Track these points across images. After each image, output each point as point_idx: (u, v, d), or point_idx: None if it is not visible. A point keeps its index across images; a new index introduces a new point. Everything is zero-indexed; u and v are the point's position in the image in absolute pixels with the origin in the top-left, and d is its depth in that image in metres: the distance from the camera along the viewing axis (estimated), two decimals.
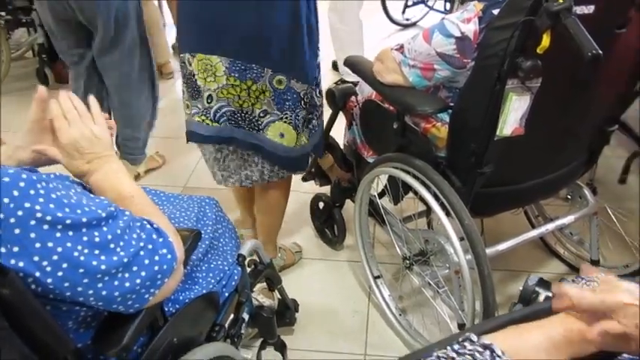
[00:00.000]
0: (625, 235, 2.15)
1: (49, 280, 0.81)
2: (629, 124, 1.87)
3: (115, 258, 0.87)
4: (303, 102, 1.78)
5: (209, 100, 1.76)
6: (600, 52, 1.20)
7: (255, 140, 1.81)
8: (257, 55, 1.67)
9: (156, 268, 0.93)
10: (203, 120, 1.80)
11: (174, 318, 1.14)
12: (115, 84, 2.61)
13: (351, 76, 3.52)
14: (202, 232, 1.31)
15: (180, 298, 1.21)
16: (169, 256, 0.95)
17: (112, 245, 0.87)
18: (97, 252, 0.85)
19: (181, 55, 1.78)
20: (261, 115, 1.76)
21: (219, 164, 1.95)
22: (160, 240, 0.95)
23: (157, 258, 0.93)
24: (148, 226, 0.96)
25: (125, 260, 0.88)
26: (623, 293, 0.74)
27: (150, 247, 0.93)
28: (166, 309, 1.16)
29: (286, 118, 1.77)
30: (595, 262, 2.10)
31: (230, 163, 1.93)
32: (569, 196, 2.07)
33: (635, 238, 2.15)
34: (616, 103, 1.75)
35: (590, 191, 1.99)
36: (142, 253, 0.91)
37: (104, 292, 0.87)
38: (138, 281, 0.90)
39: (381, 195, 2.07)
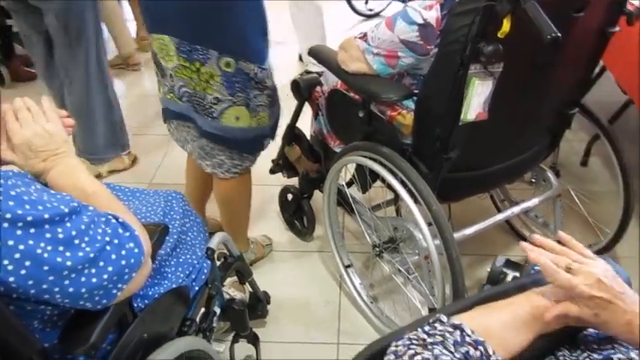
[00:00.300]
0: (588, 215, 2.20)
1: (12, 279, 0.80)
2: (589, 107, 1.90)
3: (80, 254, 0.85)
4: (253, 82, 1.75)
5: (171, 79, 1.77)
6: (559, 35, 1.22)
7: (212, 129, 1.80)
8: (200, 35, 1.64)
9: (123, 262, 0.91)
10: (171, 97, 1.82)
11: (143, 314, 1.13)
12: (70, 79, 2.56)
13: (315, 67, 3.53)
14: (170, 226, 1.30)
15: (150, 293, 1.20)
16: (136, 250, 0.94)
17: (76, 241, 0.85)
18: (61, 248, 0.83)
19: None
20: (214, 102, 1.74)
21: (194, 142, 1.93)
22: (127, 234, 0.94)
23: (123, 252, 0.92)
24: (114, 220, 0.94)
25: (91, 256, 0.87)
26: (592, 280, 0.76)
27: (116, 241, 0.91)
28: (135, 305, 1.14)
29: (239, 100, 1.75)
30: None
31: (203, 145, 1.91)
32: (533, 180, 2.10)
33: (597, 219, 2.20)
34: (576, 87, 1.78)
35: (553, 174, 2.03)
36: (108, 248, 0.90)
37: (70, 289, 0.86)
38: (105, 276, 0.89)
39: (350, 184, 2.08)
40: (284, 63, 3.69)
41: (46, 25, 2.40)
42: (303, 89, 2.01)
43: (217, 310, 1.51)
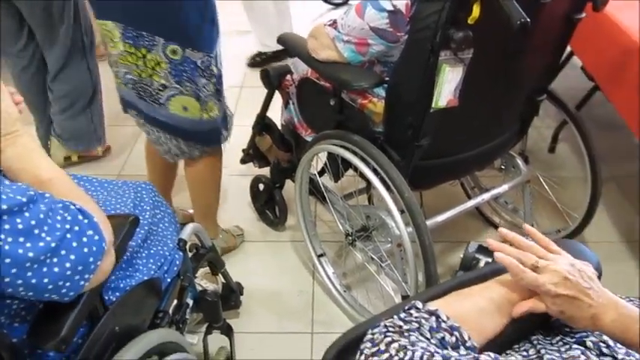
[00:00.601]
0: (556, 201, 2.23)
1: None
2: (556, 94, 1.93)
3: (41, 244, 0.82)
4: (200, 70, 1.73)
5: (116, 66, 1.76)
6: (528, 20, 1.22)
7: (158, 116, 1.78)
8: (146, 22, 1.63)
9: (85, 250, 0.88)
10: (119, 84, 1.82)
11: (114, 306, 1.11)
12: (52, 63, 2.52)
13: (267, 47, 3.51)
14: (140, 217, 1.28)
15: (121, 285, 1.17)
16: (97, 238, 0.91)
17: (36, 231, 0.82)
18: (21, 239, 0.81)
19: None
20: (160, 88, 1.72)
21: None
22: (86, 221, 0.90)
23: (85, 239, 0.89)
24: (72, 207, 0.90)
25: (52, 245, 0.84)
26: (558, 278, 0.77)
27: (76, 228, 0.88)
28: (107, 297, 1.12)
29: (187, 90, 1.73)
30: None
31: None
32: (502, 167, 2.12)
33: (565, 204, 2.23)
34: (544, 73, 1.80)
35: (522, 161, 2.05)
36: (68, 235, 0.86)
37: (34, 281, 0.83)
38: (68, 265, 0.86)
39: (321, 173, 2.07)
40: (247, 52, 3.68)
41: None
42: (272, 78, 1.99)
43: (190, 302, 1.49)
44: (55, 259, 0.84)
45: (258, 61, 3.57)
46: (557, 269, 0.78)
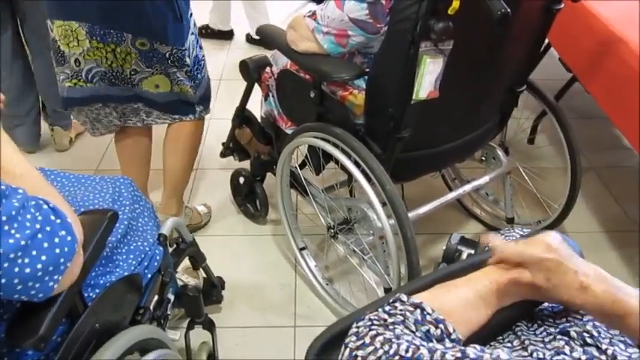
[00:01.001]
0: (537, 192, 2.24)
1: None
2: (535, 85, 1.93)
3: (11, 241, 0.79)
4: (169, 61, 1.80)
5: (77, 64, 1.77)
6: (509, 10, 1.22)
7: (132, 93, 1.86)
8: (113, 20, 1.68)
9: (57, 251, 0.85)
10: (75, 84, 1.82)
11: (94, 303, 1.09)
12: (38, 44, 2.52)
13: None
14: (120, 212, 1.26)
15: (101, 282, 1.15)
16: (69, 238, 0.88)
17: (6, 227, 0.79)
18: None
19: (46, 21, 1.77)
20: (132, 73, 1.80)
21: (103, 125, 1.99)
22: (58, 221, 0.87)
23: (56, 240, 0.86)
24: (45, 205, 0.87)
25: (22, 243, 0.80)
26: (541, 247, 0.77)
27: (48, 228, 0.85)
28: (86, 294, 1.10)
29: (157, 70, 1.81)
30: (510, 220, 2.19)
31: (113, 119, 1.97)
32: (483, 158, 2.13)
33: (545, 195, 2.25)
34: (524, 64, 1.81)
35: (502, 152, 2.06)
36: (39, 235, 0.83)
37: (3, 280, 0.80)
38: (39, 266, 0.83)
39: (302, 166, 2.06)
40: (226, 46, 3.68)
41: None
42: (252, 70, 1.98)
43: (171, 297, 1.47)
44: (26, 259, 0.81)
45: (204, 33, 3.74)
46: (540, 238, 0.78)
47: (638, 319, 0.72)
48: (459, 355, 0.60)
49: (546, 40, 1.80)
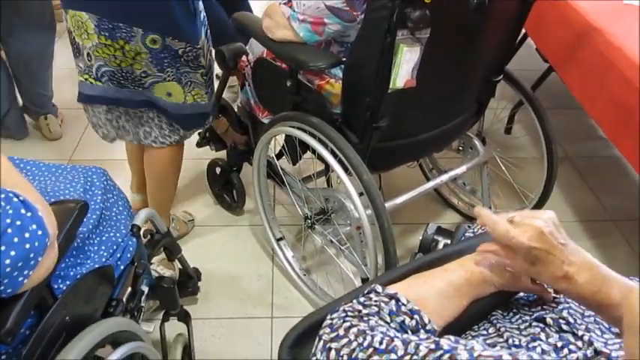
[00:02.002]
0: (513, 182, 2.25)
1: None
2: (512, 75, 1.94)
3: None
4: (182, 59, 1.69)
5: (89, 59, 1.67)
6: None
7: (144, 97, 1.74)
8: (122, 13, 1.57)
9: (27, 246, 0.83)
10: (86, 79, 1.72)
11: (64, 296, 1.06)
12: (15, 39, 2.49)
13: None
14: (92, 202, 1.23)
15: (71, 274, 1.13)
16: (40, 233, 0.85)
17: None
18: None
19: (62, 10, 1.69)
20: (143, 75, 1.68)
21: (112, 124, 1.86)
22: (29, 215, 0.85)
23: (27, 235, 0.83)
24: (15, 199, 0.85)
25: None
26: (532, 232, 0.74)
27: (18, 223, 0.82)
28: (56, 286, 1.07)
29: (169, 76, 1.70)
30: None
31: (125, 123, 1.84)
32: (460, 148, 2.13)
33: (522, 185, 2.26)
34: (500, 54, 1.80)
35: (480, 142, 2.06)
36: (9, 230, 0.81)
37: None
38: (8, 262, 0.80)
39: (279, 156, 2.04)
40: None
41: None
42: (228, 59, 1.95)
43: (145, 289, 1.45)
44: None
45: None
46: (533, 223, 0.75)
47: (618, 310, 0.72)
48: (432, 346, 0.59)
49: (523, 31, 1.80)
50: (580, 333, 0.71)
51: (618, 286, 0.73)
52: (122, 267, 1.30)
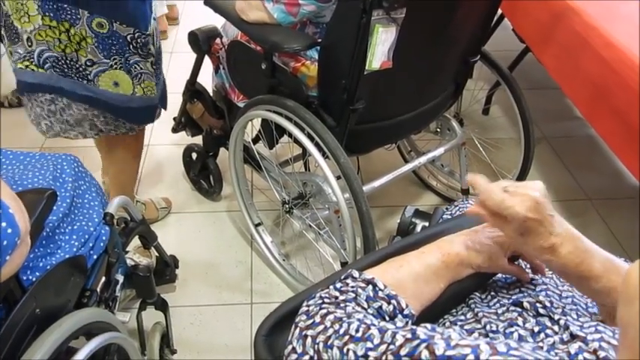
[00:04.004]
0: (491, 163, 2.26)
1: None
2: (490, 55, 1.93)
3: None
4: (131, 46, 1.61)
5: (29, 43, 1.58)
6: None
7: (87, 92, 1.65)
8: None
9: None
10: (27, 66, 1.62)
11: (33, 288, 1.03)
12: None
13: None
14: (62, 190, 1.19)
15: (41, 265, 1.10)
16: (10, 231, 0.81)
17: None
18: None
19: None
20: (88, 64, 1.60)
21: (55, 117, 1.75)
22: None
23: None
24: None
25: None
26: (528, 203, 0.72)
27: None
28: (25, 278, 1.04)
29: (116, 64, 1.62)
30: (465, 191, 2.19)
31: (68, 117, 1.74)
32: (438, 129, 2.12)
33: (500, 165, 2.26)
34: (477, 34, 1.79)
35: (457, 123, 2.05)
36: None
37: None
38: None
39: (256, 141, 2.02)
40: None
41: None
42: (201, 42, 1.91)
43: (120, 278, 1.42)
44: None
45: None
46: (529, 192, 0.74)
47: (598, 282, 0.72)
48: (409, 335, 0.58)
49: (499, 12, 1.79)
50: (556, 317, 0.71)
51: (599, 259, 0.73)
52: (95, 256, 1.27)
